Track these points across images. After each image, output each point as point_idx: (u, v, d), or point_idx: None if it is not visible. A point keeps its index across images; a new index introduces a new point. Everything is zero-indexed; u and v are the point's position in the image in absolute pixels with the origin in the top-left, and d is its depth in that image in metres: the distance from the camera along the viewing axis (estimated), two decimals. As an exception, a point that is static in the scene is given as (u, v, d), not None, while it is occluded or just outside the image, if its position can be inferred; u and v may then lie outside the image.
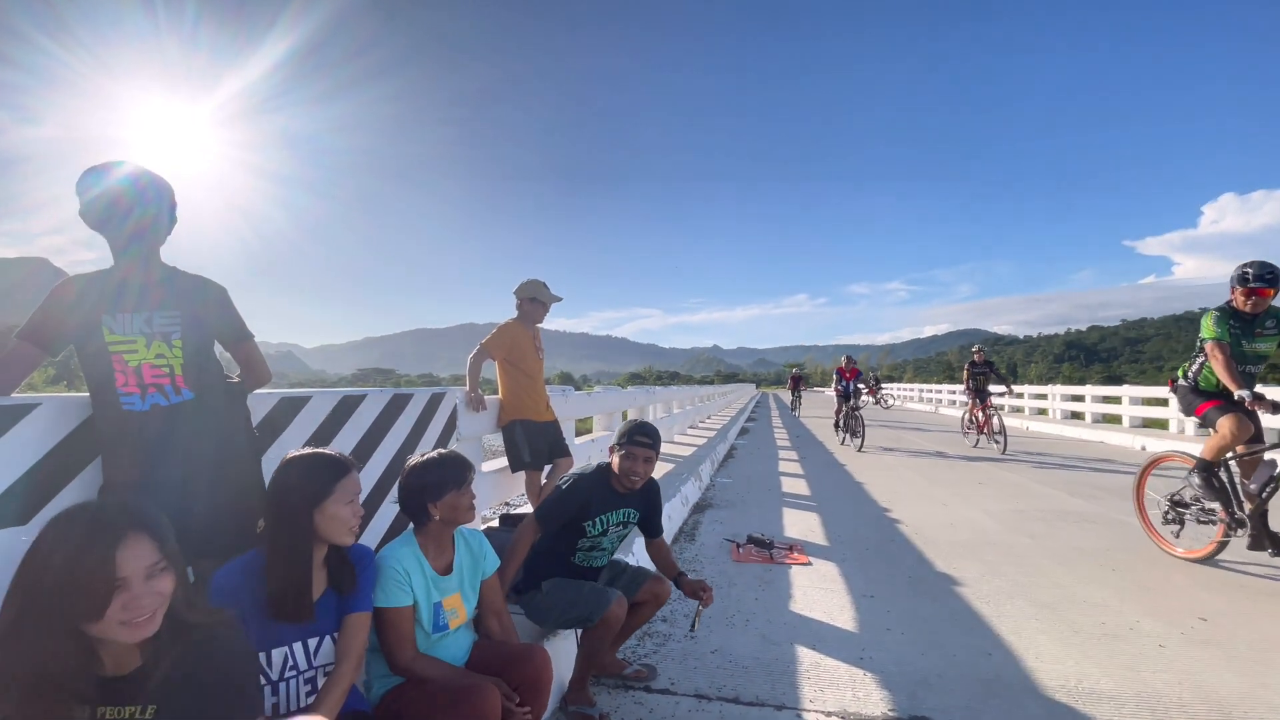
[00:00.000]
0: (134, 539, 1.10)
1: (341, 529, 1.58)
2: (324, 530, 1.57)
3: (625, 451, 2.49)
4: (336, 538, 1.59)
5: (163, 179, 1.81)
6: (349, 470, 1.63)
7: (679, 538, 5.12)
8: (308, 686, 1.58)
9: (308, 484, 1.56)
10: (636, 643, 3.04)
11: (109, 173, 1.74)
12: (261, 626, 1.51)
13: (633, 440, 2.49)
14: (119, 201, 1.74)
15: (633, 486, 2.53)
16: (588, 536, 2.52)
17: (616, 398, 7.80)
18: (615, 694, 2.55)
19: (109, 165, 1.75)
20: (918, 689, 2.56)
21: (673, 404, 12.19)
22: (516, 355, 3.91)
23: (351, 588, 1.65)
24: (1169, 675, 2.62)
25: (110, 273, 1.77)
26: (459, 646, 1.92)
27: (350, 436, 2.59)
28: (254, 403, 2.17)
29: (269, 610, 1.52)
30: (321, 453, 1.65)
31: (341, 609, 1.64)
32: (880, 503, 6.45)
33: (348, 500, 1.60)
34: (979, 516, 5.68)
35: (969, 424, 11.59)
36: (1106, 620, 3.23)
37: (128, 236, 1.76)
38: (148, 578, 1.10)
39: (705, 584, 2.58)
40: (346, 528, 1.59)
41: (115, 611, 1.06)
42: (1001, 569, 4.12)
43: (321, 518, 1.56)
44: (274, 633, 1.53)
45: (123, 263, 1.78)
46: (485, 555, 2.04)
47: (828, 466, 9.32)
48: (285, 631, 1.54)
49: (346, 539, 1.61)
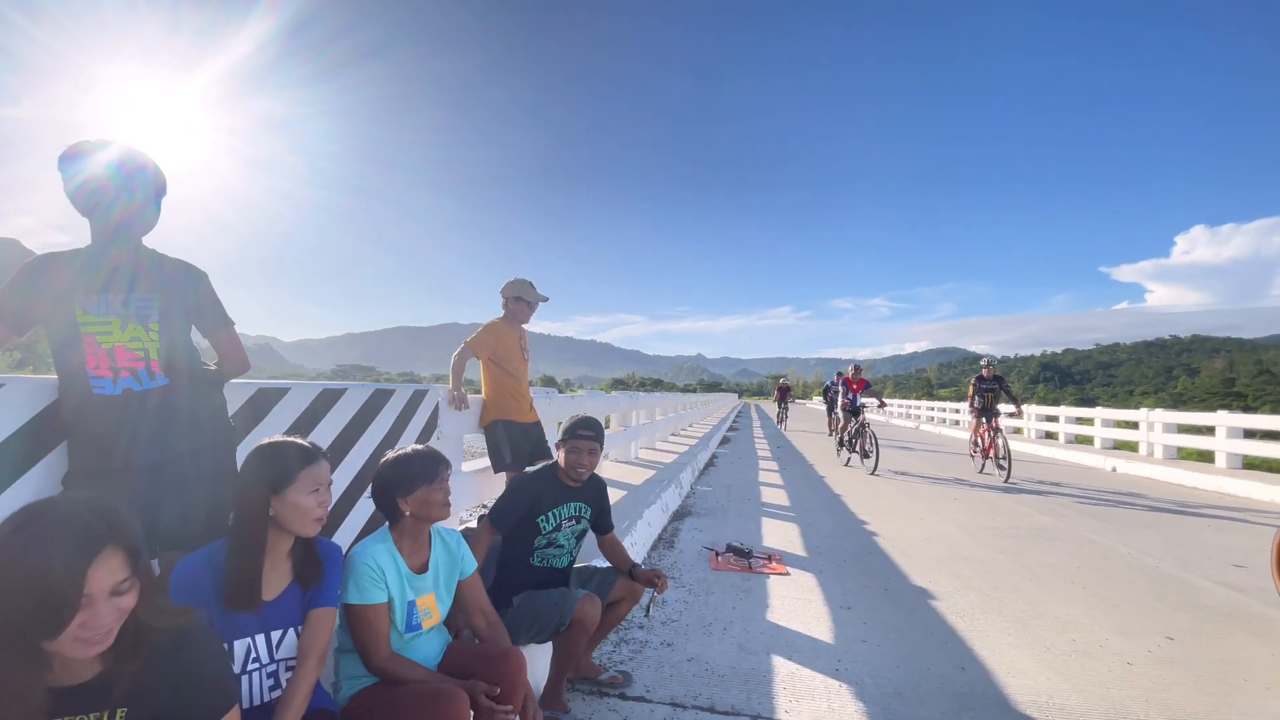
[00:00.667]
0: (108, 555, 1.01)
1: (303, 519, 1.53)
2: (284, 518, 1.52)
3: (570, 445, 2.57)
4: (298, 528, 1.54)
5: (152, 162, 1.76)
6: (315, 459, 1.58)
7: (658, 544, 5.10)
8: (270, 680, 1.54)
9: (269, 470, 1.52)
10: (613, 649, 3.02)
11: (95, 154, 1.68)
12: (223, 616, 1.47)
13: (576, 434, 2.58)
14: (106, 186, 1.68)
15: (580, 479, 2.60)
16: (543, 534, 2.54)
17: (600, 402, 7.77)
18: (590, 700, 2.52)
19: (95, 145, 1.69)
20: (892, 701, 2.56)
21: (655, 411, 12.17)
22: (502, 355, 3.87)
23: (316, 582, 1.61)
24: (1136, 693, 2.66)
25: (86, 252, 1.71)
26: (431, 648, 1.88)
27: (329, 431, 2.53)
28: (231, 392, 2.11)
29: (225, 600, 1.48)
30: (288, 440, 1.60)
31: (307, 604, 1.60)
32: (858, 515, 6.49)
33: (311, 489, 1.54)
34: (954, 531, 5.74)
35: (975, 447, 10.19)
36: (1077, 637, 3.27)
37: (115, 224, 1.71)
38: (113, 595, 1.02)
39: (659, 572, 2.64)
40: (310, 518, 1.54)
41: (73, 630, 0.98)
42: (975, 583, 4.16)
43: (281, 505, 1.52)
44: (236, 623, 1.49)
45: (101, 242, 1.73)
46: (463, 555, 2.01)
47: (807, 478, 9.37)
48: (248, 623, 1.50)
49: (309, 529, 1.56)
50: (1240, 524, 6.35)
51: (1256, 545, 5.35)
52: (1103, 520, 6.38)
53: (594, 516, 2.73)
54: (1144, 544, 5.33)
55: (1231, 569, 4.58)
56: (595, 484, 2.74)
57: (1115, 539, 5.51)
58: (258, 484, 1.51)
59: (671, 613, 3.55)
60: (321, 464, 1.59)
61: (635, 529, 4.57)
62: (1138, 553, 5.03)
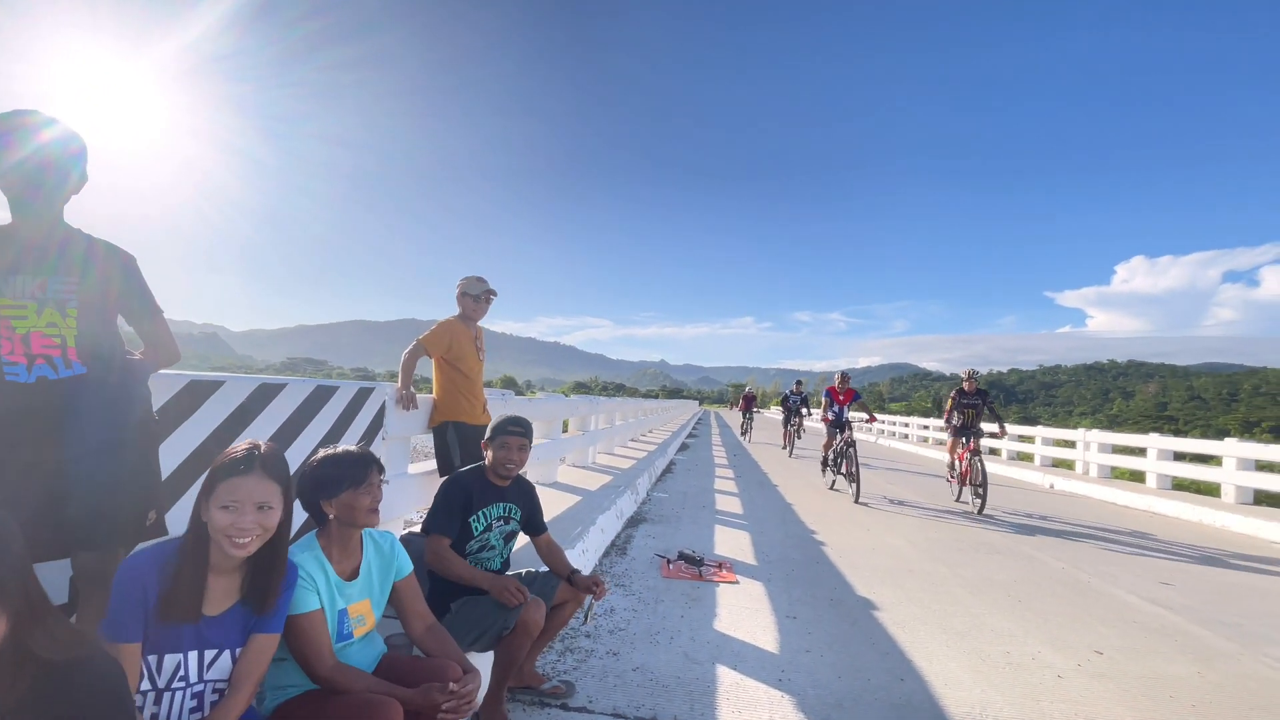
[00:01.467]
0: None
1: (218, 533, 1.39)
2: (211, 531, 1.41)
3: (498, 442, 2.57)
4: (219, 541, 1.40)
5: (72, 131, 1.65)
6: (240, 470, 1.42)
7: (610, 551, 5.06)
8: (193, 702, 1.44)
9: (207, 479, 1.45)
10: (557, 658, 2.96)
11: (9, 121, 1.57)
12: (162, 628, 1.38)
13: (505, 430, 2.57)
14: (16, 152, 1.57)
15: (509, 475, 2.60)
16: (475, 536, 2.52)
17: (559, 405, 7.69)
18: (531, 710, 2.47)
19: (11, 114, 1.58)
20: (832, 712, 2.59)
21: (615, 416, 12.13)
22: (455, 354, 3.78)
23: (269, 606, 1.51)
24: (1065, 706, 2.75)
25: (2, 231, 1.60)
26: (364, 657, 1.80)
27: (265, 427, 2.42)
28: (159, 384, 1.99)
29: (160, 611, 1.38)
30: (231, 448, 1.50)
31: (250, 626, 1.50)
32: (808, 525, 6.59)
33: (224, 504, 1.40)
34: (900, 544, 5.88)
35: (952, 471, 8.89)
36: (1011, 649, 3.37)
37: (21, 189, 1.59)
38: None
39: (597, 578, 2.62)
40: (223, 534, 1.39)
41: None
42: (918, 595, 4.26)
43: (209, 517, 1.41)
44: (171, 636, 1.40)
45: (17, 220, 1.61)
46: (396, 555, 1.93)
47: (761, 486, 9.47)
48: (184, 637, 1.41)
49: (225, 545, 1.40)
50: (1167, 543, 6.69)
51: (1184, 564, 5.64)
52: (1039, 536, 6.64)
53: (524, 518, 2.70)
54: (1077, 559, 5.56)
55: (1159, 586, 4.81)
56: (523, 485, 2.73)
57: (1050, 554, 5.73)
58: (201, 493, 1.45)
59: (619, 621, 3.52)
60: (247, 476, 1.42)
61: (588, 535, 4.52)
62: (1070, 568, 5.24)
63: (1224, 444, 9.45)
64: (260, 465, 1.45)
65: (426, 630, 1.91)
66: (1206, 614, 4.17)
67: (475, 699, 1.70)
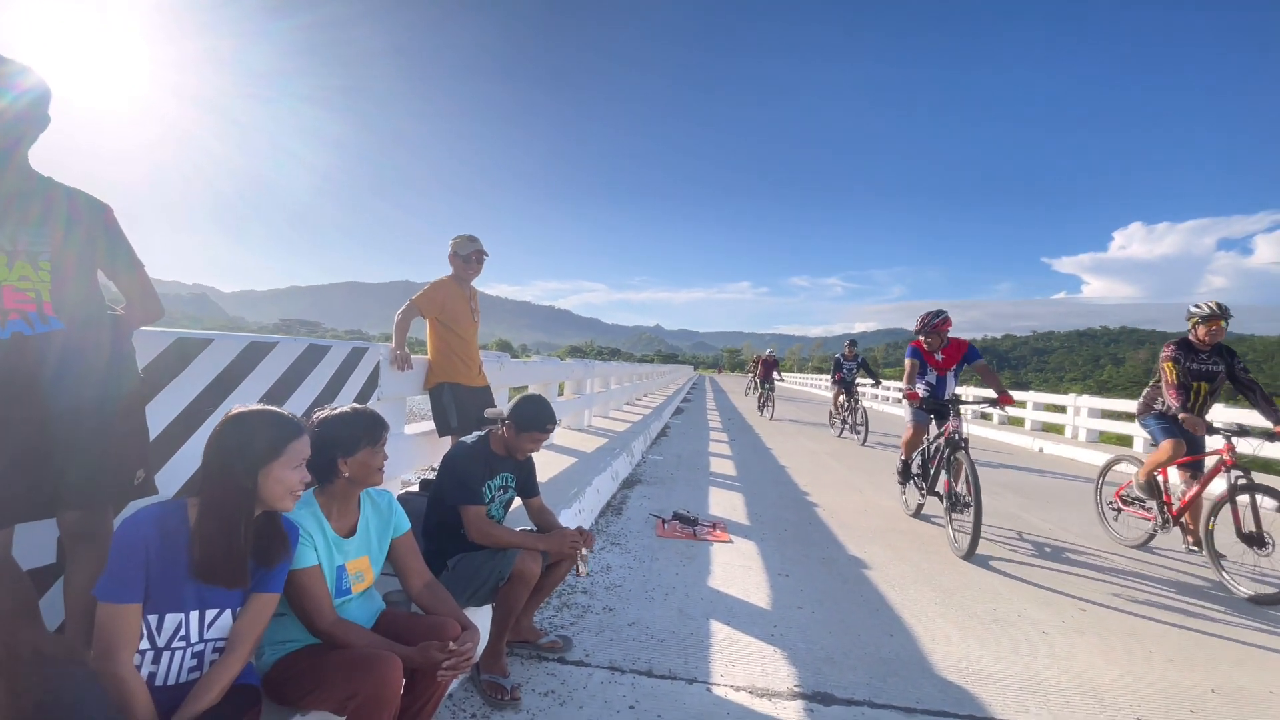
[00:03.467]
0: None
1: (284, 495, 1.49)
2: (266, 493, 1.47)
3: (533, 435, 2.57)
4: (277, 502, 1.49)
5: (30, 69, 1.56)
6: (301, 432, 1.53)
7: (606, 511, 5.12)
8: (193, 661, 1.45)
9: (256, 441, 1.45)
10: (554, 613, 3.01)
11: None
12: (165, 587, 1.38)
13: (544, 427, 2.57)
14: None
15: (520, 459, 2.67)
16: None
17: (554, 369, 7.67)
18: (529, 665, 2.52)
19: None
20: (823, 666, 2.65)
21: (610, 380, 12.14)
22: (449, 314, 3.73)
23: (281, 559, 1.54)
24: (1049, 660, 2.83)
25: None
26: (362, 614, 1.81)
27: (256, 387, 2.38)
28: (143, 342, 1.95)
29: (197, 572, 1.40)
30: (273, 410, 1.53)
31: (253, 585, 1.51)
32: (801, 486, 6.67)
33: (296, 464, 1.50)
34: (892, 505, 5.97)
35: None
36: (997, 606, 3.45)
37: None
38: None
39: (583, 529, 2.64)
40: (290, 492, 1.50)
41: None
42: (908, 555, 4.34)
43: (266, 479, 1.46)
44: (174, 595, 1.40)
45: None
46: (394, 513, 1.93)
47: (755, 450, 9.56)
48: (185, 597, 1.41)
49: (288, 505, 1.52)
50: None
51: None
52: (1028, 497, 6.75)
53: (519, 483, 2.72)
54: (1064, 520, 5.66)
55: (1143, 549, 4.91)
56: None
57: (1037, 515, 5.83)
58: (243, 455, 1.44)
59: (615, 578, 3.57)
60: (305, 438, 1.55)
61: (584, 496, 4.56)
62: (1057, 528, 5.34)
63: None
64: (306, 427, 1.58)
65: (425, 587, 1.92)
66: (1188, 574, 4.27)
67: (473, 656, 1.72)
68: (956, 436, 4.55)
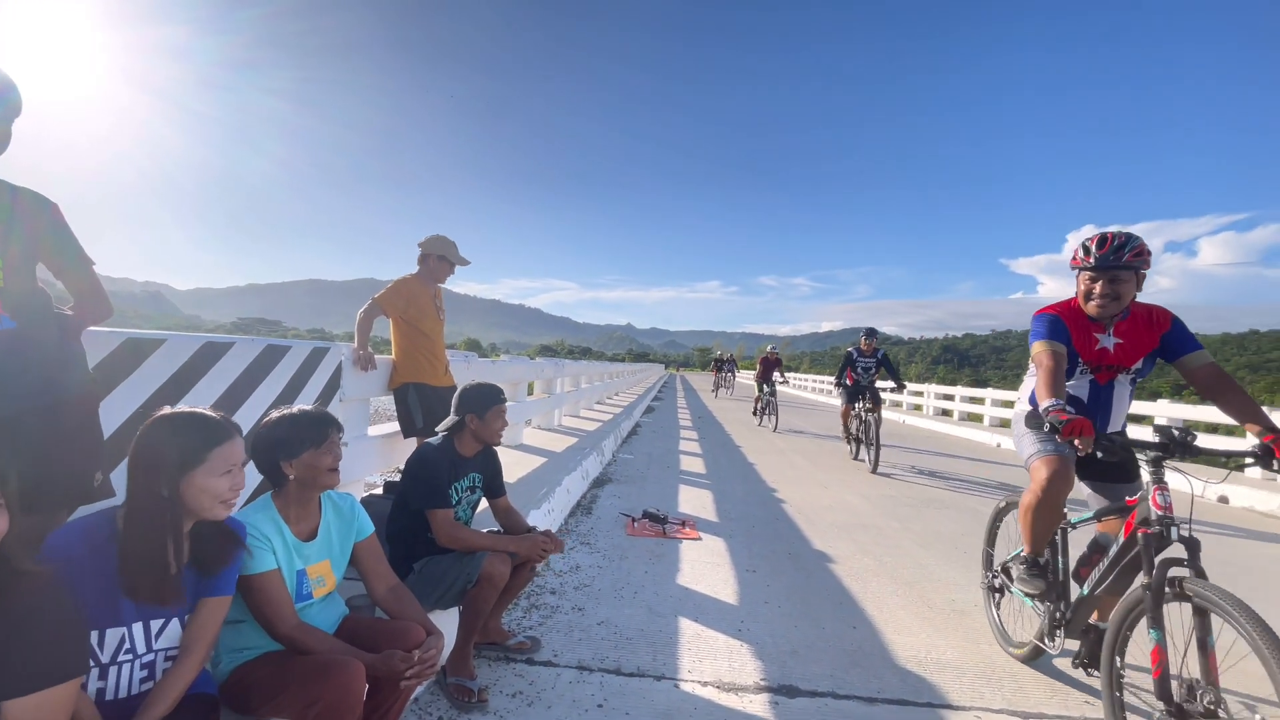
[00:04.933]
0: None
1: (211, 502, 1.42)
2: (190, 501, 1.40)
3: (494, 411, 2.56)
4: (205, 511, 1.42)
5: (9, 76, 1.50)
6: (230, 436, 1.46)
7: (575, 511, 5.11)
8: (144, 672, 1.40)
9: (176, 447, 1.38)
10: (523, 614, 3.00)
11: None
12: (100, 603, 1.33)
13: (499, 399, 2.58)
14: None
15: (496, 442, 2.65)
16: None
17: (523, 368, 7.62)
18: (497, 666, 2.50)
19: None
20: (788, 659, 2.70)
21: (581, 379, 12.12)
22: (414, 313, 3.68)
23: (222, 566, 1.49)
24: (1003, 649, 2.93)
25: None
26: (325, 618, 1.78)
27: (211, 389, 2.32)
28: (92, 342, 1.88)
29: (123, 587, 1.34)
30: (198, 413, 1.46)
31: (198, 589, 1.47)
32: (769, 483, 6.77)
33: (224, 470, 1.43)
34: (856, 500, 6.10)
35: None
36: (955, 597, 3.57)
37: None
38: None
39: (550, 532, 2.62)
40: (219, 500, 1.43)
41: None
42: (871, 549, 4.45)
43: (189, 488, 1.39)
44: (113, 611, 1.35)
45: None
46: (356, 516, 1.90)
47: (724, 447, 9.66)
48: (125, 610, 1.36)
49: (217, 513, 1.44)
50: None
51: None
52: (985, 492, 6.98)
53: (486, 483, 2.70)
54: (1019, 512, 5.86)
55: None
56: (487, 450, 2.71)
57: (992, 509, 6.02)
58: (163, 461, 1.37)
59: (585, 578, 3.58)
60: (235, 441, 1.47)
61: (553, 496, 4.55)
62: (1011, 520, 5.53)
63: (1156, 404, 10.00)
64: (238, 429, 1.49)
65: (389, 591, 1.90)
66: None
67: (437, 663, 1.71)
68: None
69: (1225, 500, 7.28)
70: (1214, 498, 7.37)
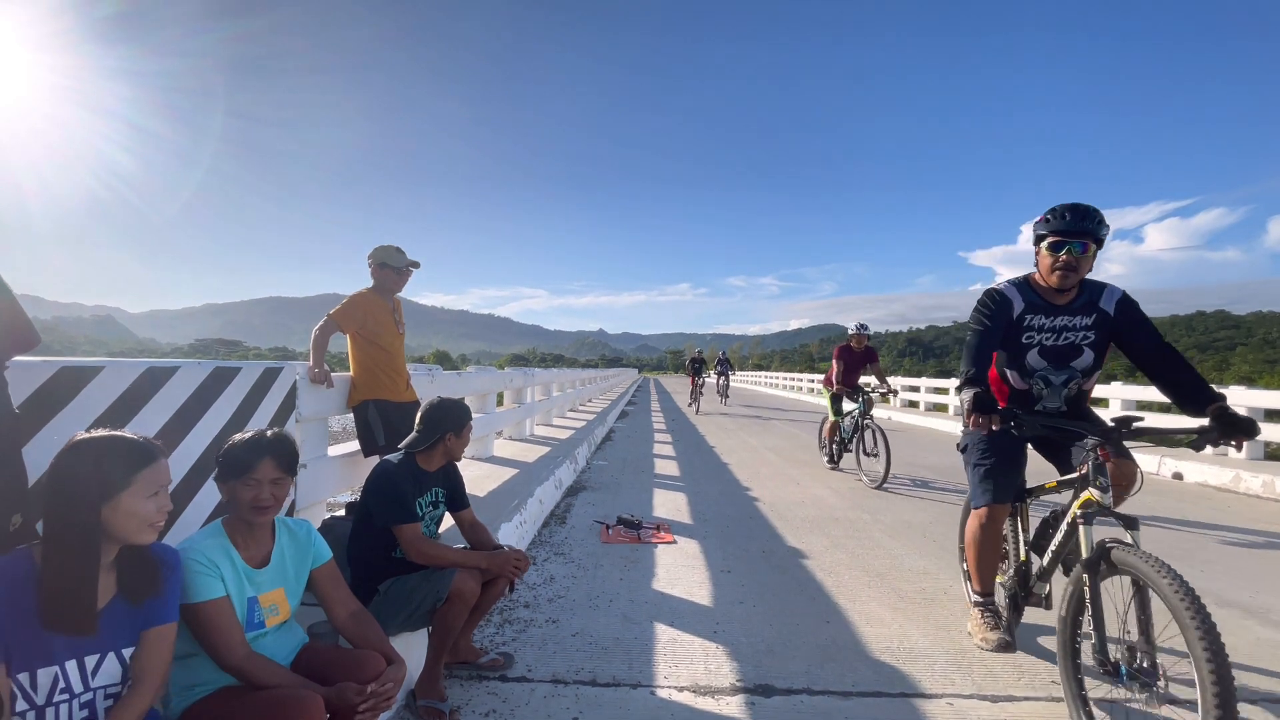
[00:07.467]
0: None
1: (139, 527, 1.37)
2: (116, 528, 1.34)
3: (468, 427, 2.60)
4: (132, 537, 1.37)
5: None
6: (154, 458, 1.41)
7: (549, 521, 5.06)
8: (84, 712, 1.33)
9: (98, 473, 1.32)
10: (495, 630, 2.95)
11: None
12: (25, 641, 1.25)
13: (469, 415, 2.62)
14: None
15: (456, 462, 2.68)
16: None
17: (491, 379, 7.52)
18: (469, 685, 2.45)
19: None
20: (763, 658, 2.71)
21: (552, 387, 12.02)
22: (372, 327, 3.59)
23: (151, 593, 1.42)
24: (971, 631, 2.99)
25: None
26: (280, 648, 1.71)
27: (155, 418, 2.22)
28: (22, 374, 1.79)
29: (42, 620, 1.27)
30: (119, 436, 1.40)
31: (137, 621, 1.40)
32: (742, 482, 6.81)
33: (150, 493, 1.38)
34: (827, 494, 6.18)
35: None
36: (925, 586, 3.62)
37: None
38: None
39: (519, 551, 2.57)
40: (147, 524, 1.38)
41: None
42: (843, 542, 4.50)
43: (114, 513, 1.33)
44: (41, 649, 1.27)
45: None
46: (313, 542, 1.84)
47: (698, 448, 9.69)
48: (56, 648, 1.29)
49: (145, 537, 1.39)
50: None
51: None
52: (954, 480, 7.13)
53: (449, 497, 2.66)
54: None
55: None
56: (449, 464, 2.67)
57: (962, 497, 6.16)
58: (84, 489, 1.31)
59: (559, 589, 3.53)
60: (161, 463, 1.43)
61: (526, 507, 4.50)
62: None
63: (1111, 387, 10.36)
64: (161, 451, 1.45)
65: (349, 617, 1.84)
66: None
67: (395, 695, 1.66)
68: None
69: (1180, 477, 7.58)
70: (1169, 474, 7.66)
